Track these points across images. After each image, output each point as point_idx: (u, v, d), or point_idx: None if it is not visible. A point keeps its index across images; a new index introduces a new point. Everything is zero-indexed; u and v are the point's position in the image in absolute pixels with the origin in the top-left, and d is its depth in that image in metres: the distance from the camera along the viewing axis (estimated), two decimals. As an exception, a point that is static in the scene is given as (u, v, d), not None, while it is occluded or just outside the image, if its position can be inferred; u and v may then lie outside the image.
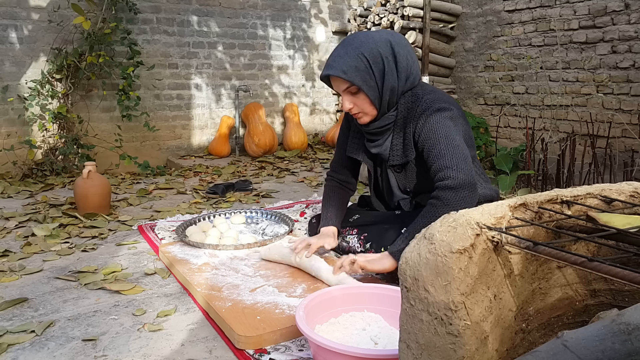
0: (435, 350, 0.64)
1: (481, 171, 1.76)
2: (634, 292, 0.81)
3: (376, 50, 1.53)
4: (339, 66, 1.53)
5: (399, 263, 0.71)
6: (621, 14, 3.14)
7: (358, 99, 1.58)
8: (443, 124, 1.53)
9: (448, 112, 1.55)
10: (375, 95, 1.57)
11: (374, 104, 1.58)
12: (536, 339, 0.79)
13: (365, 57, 1.52)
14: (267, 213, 2.35)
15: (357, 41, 1.55)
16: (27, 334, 1.33)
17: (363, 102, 1.58)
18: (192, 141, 4.56)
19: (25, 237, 2.15)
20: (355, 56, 1.52)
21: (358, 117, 1.64)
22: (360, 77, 1.52)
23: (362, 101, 1.58)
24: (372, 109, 1.60)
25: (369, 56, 1.52)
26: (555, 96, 3.57)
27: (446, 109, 1.55)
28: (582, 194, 0.83)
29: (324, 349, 1.03)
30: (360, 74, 1.52)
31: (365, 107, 1.60)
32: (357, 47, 1.53)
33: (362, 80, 1.53)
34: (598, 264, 0.57)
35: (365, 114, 1.62)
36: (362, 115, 1.63)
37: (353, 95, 1.58)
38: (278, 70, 4.87)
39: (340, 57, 1.54)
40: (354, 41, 1.55)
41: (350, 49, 1.53)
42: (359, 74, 1.52)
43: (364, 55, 1.52)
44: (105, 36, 3.84)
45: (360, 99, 1.58)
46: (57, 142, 3.82)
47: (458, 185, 1.45)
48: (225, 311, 1.37)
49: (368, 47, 1.52)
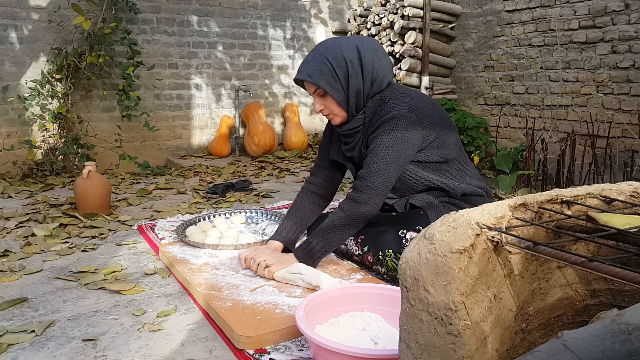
0: (435, 350, 0.64)
1: (466, 168, 1.76)
2: (634, 292, 0.81)
3: (340, 54, 1.60)
4: (305, 70, 1.62)
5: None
6: (621, 14, 3.14)
7: (327, 101, 1.66)
8: (389, 135, 1.59)
9: (402, 120, 1.58)
10: (342, 97, 1.63)
11: (342, 105, 1.65)
12: (536, 339, 0.79)
13: (329, 61, 1.60)
14: (267, 213, 2.35)
15: (324, 47, 1.64)
16: (27, 334, 1.33)
17: (331, 103, 1.65)
18: (192, 141, 4.56)
19: (25, 237, 2.15)
20: (319, 60, 1.60)
21: (329, 118, 1.72)
22: (324, 80, 1.60)
23: (330, 103, 1.66)
24: (340, 110, 1.67)
25: (332, 60, 1.60)
26: (555, 96, 3.57)
27: (401, 117, 1.58)
28: (582, 194, 0.83)
29: (324, 349, 1.03)
30: (324, 77, 1.60)
31: (333, 109, 1.67)
32: (322, 52, 1.61)
33: (327, 83, 1.60)
34: (598, 264, 0.57)
35: (335, 115, 1.69)
36: (332, 117, 1.70)
37: (321, 97, 1.66)
38: (278, 70, 4.87)
39: (308, 62, 1.63)
40: (321, 47, 1.64)
41: (316, 54, 1.63)
42: (324, 77, 1.60)
43: (328, 60, 1.60)
44: (105, 36, 3.84)
45: (328, 101, 1.65)
46: (57, 142, 3.82)
47: (363, 201, 1.57)
48: (225, 311, 1.37)
49: (332, 52, 1.60)
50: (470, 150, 3.77)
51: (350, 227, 1.60)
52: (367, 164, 1.59)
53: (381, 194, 1.58)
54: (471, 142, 3.81)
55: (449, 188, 1.68)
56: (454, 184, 1.69)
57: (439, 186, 1.68)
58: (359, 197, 1.57)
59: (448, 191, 1.69)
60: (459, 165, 1.73)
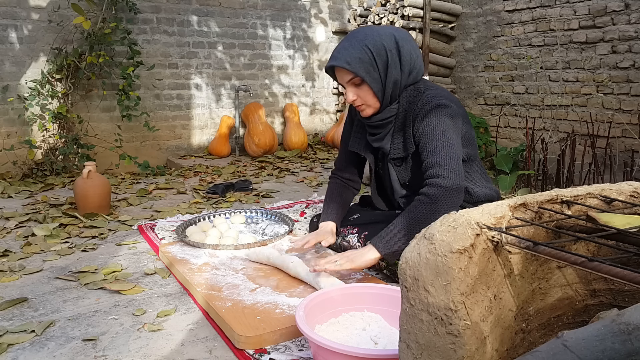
0: (435, 350, 0.64)
1: (482, 170, 1.76)
2: (634, 292, 0.81)
3: (380, 43, 1.54)
4: (343, 57, 1.55)
5: (400, 259, 0.71)
6: (621, 14, 3.14)
7: (361, 90, 1.60)
8: (441, 121, 1.54)
9: (448, 109, 1.56)
10: (378, 88, 1.58)
11: (377, 96, 1.60)
12: (536, 339, 0.79)
13: (369, 49, 1.54)
14: (267, 213, 2.35)
15: (362, 34, 1.57)
16: (27, 334, 1.33)
17: (366, 94, 1.60)
18: (192, 141, 4.56)
19: (25, 237, 2.15)
20: (359, 48, 1.54)
21: (361, 109, 1.65)
22: (363, 68, 1.54)
23: (365, 93, 1.60)
24: (375, 101, 1.61)
25: (372, 48, 1.54)
26: (555, 96, 3.57)
27: (446, 106, 1.56)
28: (582, 194, 0.83)
29: (324, 349, 1.03)
30: (363, 66, 1.54)
31: (368, 99, 1.61)
32: (362, 40, 1.55)
33: (366, 72, 1.55)
34: (598, 264, 0.57)
35: (368, 106, 1.63)
36: (364, 108, 1.64)
37: (356, 87, 1.60)
38: (278, 70, 4.87)
39: (345, 48, 1.56)
40: (358, 34, 1.58)
41: (354, 41, 1.56)
42: (363, 65, 1.54)
43: (368, 48, 1.54)
44: (105, 36, 3.84)
45: (363, 90, 1.59)
46: (57, 142, 3.82)
47: (448, 185, 1.47)
48: (225, 311, 1.37)
49: (372, 40, 1.55)
50: (470, 150, 3.76)
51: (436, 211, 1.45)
52: (432, 152, 1.51)
53: (460, 175, 1.49)
54: (471, 142, 3.81)
55: (470, 190, 1.66)
56: (472, 187, 1.67)
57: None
58: (443, 182, 1.46)
59: (470, 194, 1.66)
60: (477, 168, 1.73)
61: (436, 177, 1.49)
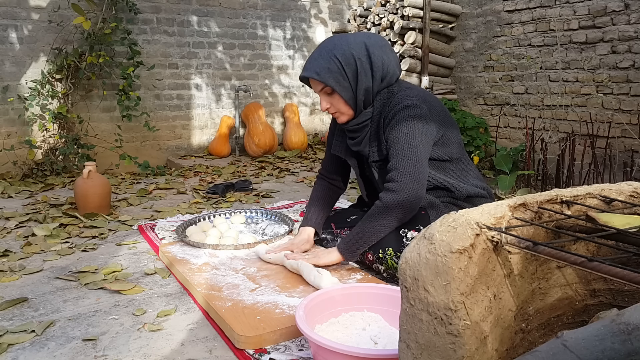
0: (435, 350, 0.65)
1: (469, 168, 1.76)
2: (633, 292, 0.81)
3: (349, 52, 1.58)
4: (312, 68, 1.59)
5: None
6: (621, 14, 3.14)
7: (333, 99, 1.64)
8: (407, 122, 1.56)
9: (415, 109, 1.57)
10: (349, 96, 1.62)
11: (349, 104, 1.63)
12: (536, 338, 0.79)
13: (338, 59, 1.57)
14: (267, 213, 2.35)
15: (331, 44, 1.61)
16: (27, 334, 1.33)
17: (338, 102, 1.64)
18: (192, 141, 4.56)
19: (26, 237, 2.15)
20: (327, 58, 1.58)
21: (335, 116, 1.70)
22: (332, 78, 1.58)
23: (337, 101, 1.64)
24: (347, 108, 1.65)
25: (341, 58, 1.57)
26: (555, 96, 3.57)
27: (414, 106, 1.57)
28: (582, 194, 0.83)
29: (324, 348, 1.03)
30: (332, 75, 1.58)
31: (340, 107, 1.65)
32: (330, 50, 1.59)
33: (335, 81, 1.58)
34: (598, 264, 0.57)
35: (341, 114, 1.67)
36: (339, 115, 1.68)
37: (329, 95, 1.64)
38: (278, 70, 4.87)
39: (315, 59, 1.60)
40: (328, 44, 1.62)
41: (323, 52, 1.60)
42: (332, 75, 1.58)
43: (337, 57, 1.57)
44: (105, 36, 3.84)
45: (335, 99, 1.64)
46: (57, 142, 3.82)
47: (399, 189, 1.52)
48: (225, 311, 1.37)
49: (341, 50, 1.58)
50: (470, 150, 3.77)
51: (392, 218, 1.54)
52: (393, 154, 1.56)
53: (418, 180, 1.52)
54: (471, 142, 3.81)
55: (454, 188, 1.68)
56: (458, 184, 1.69)
57: (445, 186, 1.68)
58: (395, 186, 1.52)
59: (453, 192, 1.68)
60: (462, 166, 1.73)
61: (391, 182, 1.54)
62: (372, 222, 1.57)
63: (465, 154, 1.76)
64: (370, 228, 1.57)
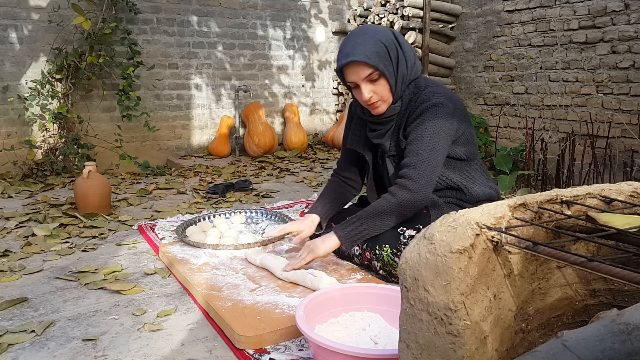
0: (435, 350, 0.65)
1: (482, 169, 1.76)
2: (633, 292, 0.81)
3: (390, 37, 1.55)
4: (361, 52, 1.50)
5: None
6: (621, 14, 3.14)
7: (378, 86, 1.56)
8: (434, 122, 1.55)
9: (444, 108, 1.56)
10: (394, 82, 1.57)
11: (392, 90, 1.58)
12: (536, 338, 0.79)
13: (383, 43, 1.53)
14: (267, 213, 2.35)
15: (371, 29, 1.57)
16: (27, 334, 1.33)
17: (383, 88, 1.57)
18: (192, 141, 4.56)
19: (26, 237, 2.15)
20: (374, 42, 1.52)
21: (376, 106, 1.60)
22: (382, 62, 1.52)
23: (382, 88, 1.57)
24: (389, 95, 1.59)
25: (386, 42, 1.53)
26: (555, 96, 3.57)
27: (442, 105, 1.56)
28: (582, 194, 0.83)
29: (324, 348, 1.03)
30: (381, 59, 1.52)
31: (384, 94, 1.58)
32: (374, 35, 1.54)
33: (384, 66, 1.53)
34: (598, 264, 0.57)
35: (383, 102, 1.60)
36: (380, 104, 1.60)
37: (373, 82, 1.55)
38: (278, 70, 4.87)
39: (360, 44, 1.52)
40: (368, 30, 1.57)
41: (367, 37, 1.54)
42: (381, 59, 1.52)
43: (382, 42, 1.53)
44: (105, 36, 3.84)
45: (380, 85, 1.56)
46: (57, 142, 3.82)
47: (417, 189, 1.52)
48: (225, 311, 1.37)
49: (384, 35, 1.54)
50: (470, 151, 3.76)
51: (399, 215, 1.54)
52: (414, 151, 1.54)
53: (432, 183, 1.54)
54: (471, 142, 3.81)
55: (466, 190, 1.67)
56: (470, 186, 1.68)
57: (458, 187, 1.66)
58: (412, 185, 1.52)
59: (465, 193, 1.67)
60: (477, 166, 1.72)
61: (408, 179, 1.53)
62: (380, 217, 1.54)
63: (478, 155, 1.75)
64: (378, 222, 1.54)
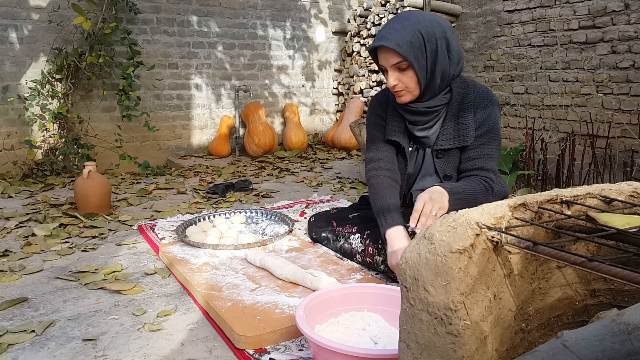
0: (435, 350, 0.65)
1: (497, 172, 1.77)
2: (633, 292, 0.81)
3: (432, 29, 1.49)
4: (394, 39, 1.47)
5: (400, 261, 0.70)
6: (621, 14, 3.14)
7: (405, 76, 1.53)
8: (499, 121, 1.61)
9: (499, 107, 1.62)
10: (423, 75, 1.52)
11: (420, 83, 1.53)
12: (536, 338, 0.79)
13: (422, 34, 1.48)
14: (267, 213, 2.35)
15: (414, 17, 1.51)
16: (27, 334, 1.33)
17: (410, 80, 1.53)
18: (192, 141, 4.56)
19: (26, 237, 2.15)
20: (411, 31, 1.48)
21: (399, 94, 1.57)
22: (413, 53, 1.48)
23: (408, 79, 1.53)
24: (416, 87, 1.55)
25: (424, 34, 1.48)
26: (555, 96, 3.57)
27: (498, 104, 1.62)
28: (582, 194, 0.83)
29: (324, 348, 1.03)
30: (413, 51, 1.48)
31: (410, 85, 1.54)
32: (414, 24, 1.49)
33: (415, 58, 1.49)
34: (598, 263, 0.57)
35: (407, 93, 1.56)
36: (404, 94, 1.57)
37: (400, 71, 1.52)
38: (278, 70, 4.87)
39: (396, 30, 1.48)
40: (410, 17, 1.52)
41: (407, 24, 1.48)
42: (413, 50, 1.48)
43: (420, 33, 1.48)
44: (105, 36, 3.84)
45: (407, 76, 1.53)
46: (57, 142, 3.82)
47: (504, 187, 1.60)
48: (225, 311, 1.37)
49: (425, 25, 1.49)
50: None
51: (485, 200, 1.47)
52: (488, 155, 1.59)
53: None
54: (471, 142, 3.81)
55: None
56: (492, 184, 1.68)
57: None
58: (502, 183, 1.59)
59: None
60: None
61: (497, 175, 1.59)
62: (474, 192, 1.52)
63: None
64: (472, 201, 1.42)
